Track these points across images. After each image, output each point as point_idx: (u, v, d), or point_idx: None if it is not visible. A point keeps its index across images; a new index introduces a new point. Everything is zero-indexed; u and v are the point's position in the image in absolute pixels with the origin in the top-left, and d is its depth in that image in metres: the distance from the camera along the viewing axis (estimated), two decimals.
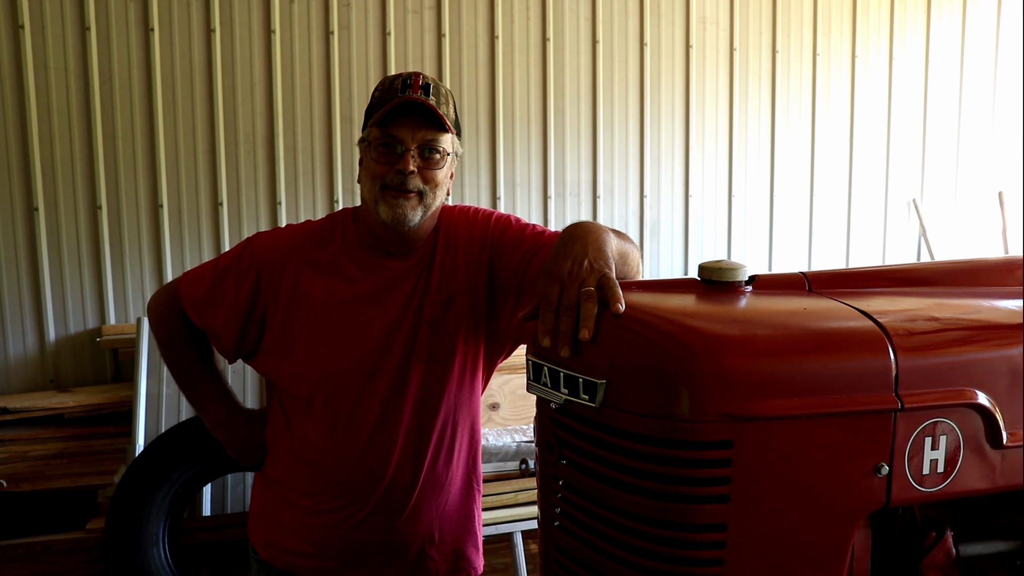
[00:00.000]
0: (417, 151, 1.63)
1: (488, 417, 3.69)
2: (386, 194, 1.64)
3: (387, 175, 1.63)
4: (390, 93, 1.64)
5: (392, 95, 1.63)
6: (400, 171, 1.62)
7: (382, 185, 1.64)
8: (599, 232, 1.33)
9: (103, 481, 3.44)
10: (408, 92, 1.62)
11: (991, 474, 1.15)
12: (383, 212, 1.64)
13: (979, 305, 1.29)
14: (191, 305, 1.77)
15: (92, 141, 3.95)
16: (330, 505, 1.73)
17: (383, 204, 1.64)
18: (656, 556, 1.06)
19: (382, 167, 1.64)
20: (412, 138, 1.62)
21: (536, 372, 1.18)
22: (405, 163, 1.62)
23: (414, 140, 1.63)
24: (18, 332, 3.94)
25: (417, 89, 1.63)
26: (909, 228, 5.56)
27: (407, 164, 1.62)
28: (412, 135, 1.62)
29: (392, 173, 1.63)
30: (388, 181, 1.63)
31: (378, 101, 1.66)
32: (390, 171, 1.63)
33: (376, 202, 1.65)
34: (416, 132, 1.63)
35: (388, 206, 1.64)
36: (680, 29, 4.90)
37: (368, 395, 1.69)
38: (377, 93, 1.67)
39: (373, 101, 1.68)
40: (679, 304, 1.20)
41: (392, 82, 1.66)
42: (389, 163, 1.64)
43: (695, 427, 1.02)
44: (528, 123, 4.64)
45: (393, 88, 1.64)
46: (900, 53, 5.40)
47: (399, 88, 1.63)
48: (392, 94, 1.63)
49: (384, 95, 1.65)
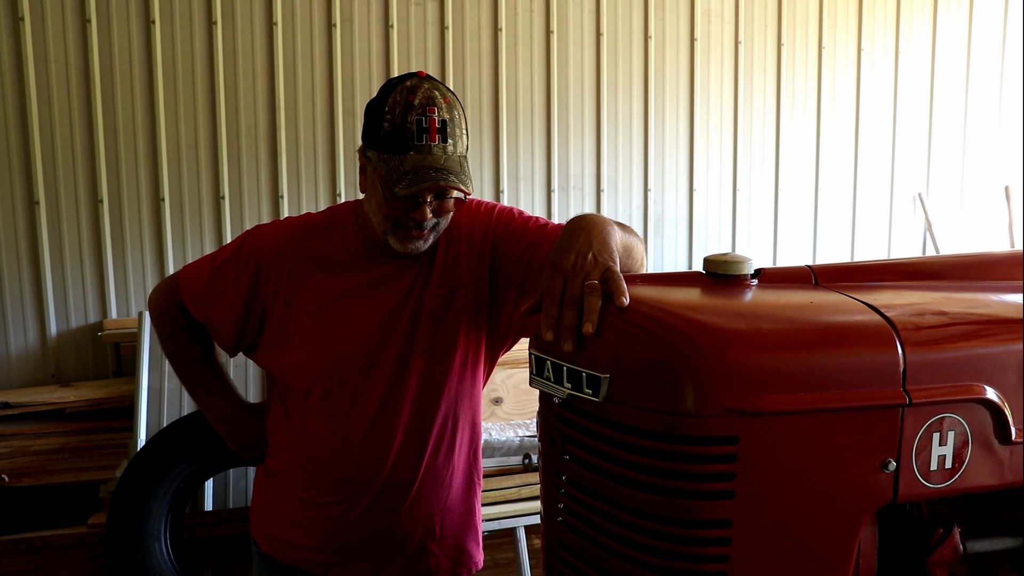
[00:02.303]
0: (432, 198, 1.58)
1: (491, 411, 3.68)
2: (398, 231, 1.61)
3: (401, 218, 1.59)
4: (404, 136, 1.52)
5: (406, 141, 1.52)
6: (415, 219, 1.58)
7: (394, 223, 1.60)
8: (603, 225, 1.31)
9: (105, 476, 3.43)
10: (425, 140, 1.52)
11: (999, 470, 1.14)
12: (394, 244, 1.61)
13: (988, 299, 1.28)
14: (191, 299, 1.76)
15: (93, 134, 3.94)
16: (330, 498, 1.72)
17: (393, 238, 1.61)
18: (660, 552, 1.05)
19: (394, 211, 1.58)
20: (428, 192, 1.56)
21: (539, 366, 1.17)
22: (422, 215, 1.57)
23: (430, 192, 1.57)
24: (19, 326, 3.94)
25: (434, 135, 1.52)
26: (915, 222, 5.55)
27: (424, 215, 1.58)
28: (429, 192, 1.56)
29: (406, 218, 1.59)
30: (402, 223, 1.60)
31: (389, 138, 1.53)
32: (404, 215, 1.58)
33: (385, 233, 1.61)
34: (435, 187, 1.56)
35: (399, 240, 1.61)
36: (685, 22, 4.88)
37: (368, 388, 1.68)
38: (387, 125, 1.53)
39: (383, 133, 1.54)
40: (684, 298, 1.19)
41: (405, 119, 1.52)
42: (402, 210, 1.58)
43: (700, 422, 1.01)
44: (532, 116, 4.63)
45: (407, 130, 1.52)
46: (906, 47, 5.38)
47: (414, 133, 1.52)
48: (407, 139, 1.52)
49: (397, 135, 1.52)
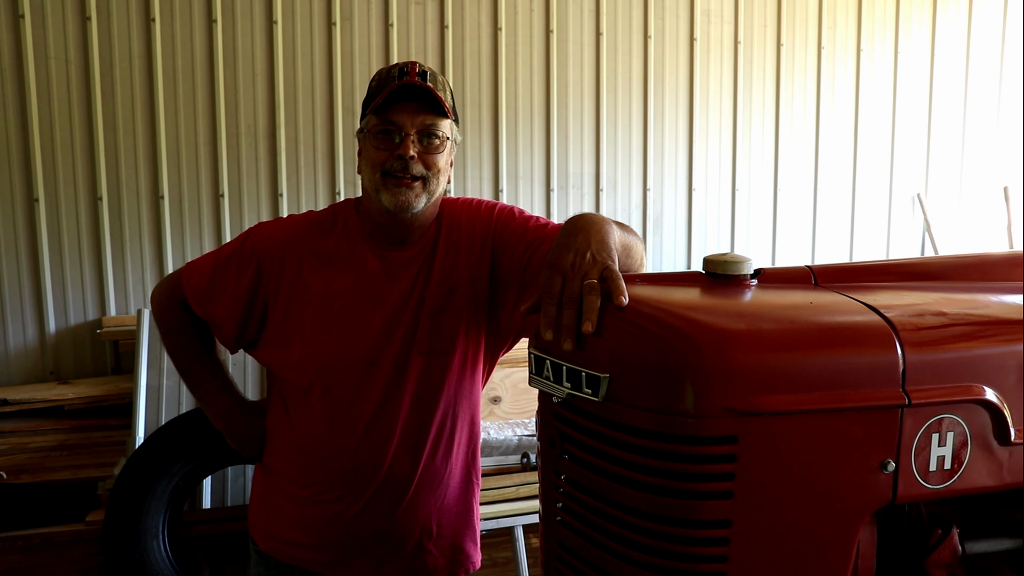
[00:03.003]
0: (417, 136, 1.62)
1: (489, 411, 3.68)
2: (387, 181, 1.63)
3: (387, 162, 1.62)
4: (387, 80, 1.64)
5: (389, 82, 1.63)
6: (400, 156, 1.61)
7: (383, 172, 1.63)
8: (602, 224, 1.31)
9: (103, 473, 3.43)
10: (405, 78, 1.61)
11: (998, 471, 1.14)
12: (385, 199, 1.63)
13: (987, 300, 1.28)
14: (193, 295, 1.76)
15: (93, 132, 3.93)
16: (328, 496, 1.72)
17: (385, 192, 1.63)
18: (659, 552, 1.05)
19: (382, 154, 1.63)
20: (411, 123, 1.62)
21: (538, 366, 1.17)
22: (405, 148, 1.61)
23: (413, 125, 1.62)
24: (18, 323, 3.93)
25: (414, 76, 1.62)
26: (913, 223, 5.54)
27: (407, 149, 1.61)
28: (411, 120, 1.62)
29: (392, 159, 1.62)
30: (388, 168, 1.62)
31: (375, 90, 1.66)
32: (390, 157, 1.62)
33: (377, 190, 1.64)
34: (415, 117, 1.62)
35: (390, 193, 1.63)
36: (684, 22, 4.88)
37: (367, 386, 1.68)
38: (374, 83, 1.67)
39: (370, 91, 1.68)
40: (683, 297, 1.19)
41: (389, 71, 1.66)
42: (388, 149, 1.63)
43: (699, 422, 1.01)
44: (531, 115, 4.62)
45: (390, 76, 1.64)
46: (905, 47, 5.38)
47: (396, 75, 1.63)
48: (389, 81, 1.63)
49: (381, 83, 1.65)
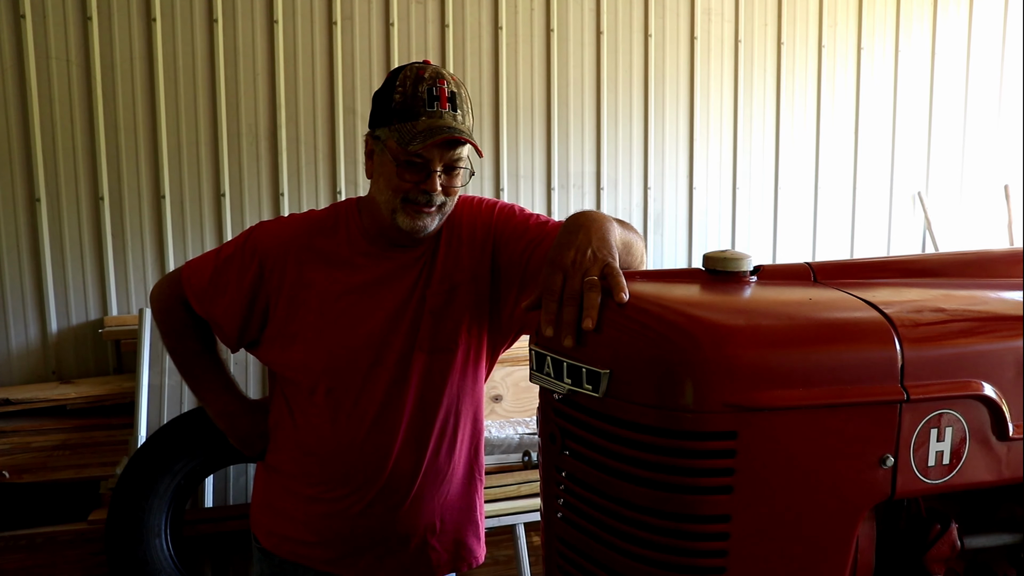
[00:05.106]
0: (442, 168, 1.61)
1: (491, 409, 3.69)
2: (407, 207, 1.62)
3: (411, 192, 1.61)
4: (415, 103, 1.58)
5: (418, 108, 1.58)
6: (425, 191, 1.61)
7: (403, 198, 1.62)
8: (603, 221, 1.32)
9: (105, 472, 3.44)
10: (436, 107, 1.58)
11: (997, 466, 1.15)
12: (402, 222, 1.63)
13: (986, 296, 1.29)
14: (194, 294, 1.76)
15: (94, 132, 3.94)
16: (332, 494, 1.72)
17: (403, 215, 1.62)
18: (659, 547, 1.05)
19: (405, 184, 1.61)
20: (439, 159, 1.60)
21: (539, 362, 1.17)
22: (432, 184, 1.60)
23: (441, 161, 1.60)
24: (20, 323, 3.94)
25: (444, 103, 1.59)
26: (914, 221, 5.55)
27: (434, 185, 1.60)
28: (440, 156, 1.59)
29: (416, 191, 1.61)
30: (412, 197, 1.61)
31: (401, 108, 1.59)
32: (414, 188, 1.61)
33: (394, 211, 1.63)
34: (444, 153, 1.60)
35: (409, 217, 1.62)
36: (685, 20, 4.88)
37: (370, 384, 1.68)
38: (398, 96, 1.60)
39: (395, 104, 1.60)
40: (683, 294, 1.19)
41: (416, 89, 1.59)
42: (413, 182, 1.61)
43: (699, 418, 1.01)
44: (532, 114, 4.63)
45: (418, 98, 1.58)
46: (906, 45, 5.38)
47: (425, 100, 1.58)
48: (418, 107, 1.58)
49: (408, 105, 1.59)
